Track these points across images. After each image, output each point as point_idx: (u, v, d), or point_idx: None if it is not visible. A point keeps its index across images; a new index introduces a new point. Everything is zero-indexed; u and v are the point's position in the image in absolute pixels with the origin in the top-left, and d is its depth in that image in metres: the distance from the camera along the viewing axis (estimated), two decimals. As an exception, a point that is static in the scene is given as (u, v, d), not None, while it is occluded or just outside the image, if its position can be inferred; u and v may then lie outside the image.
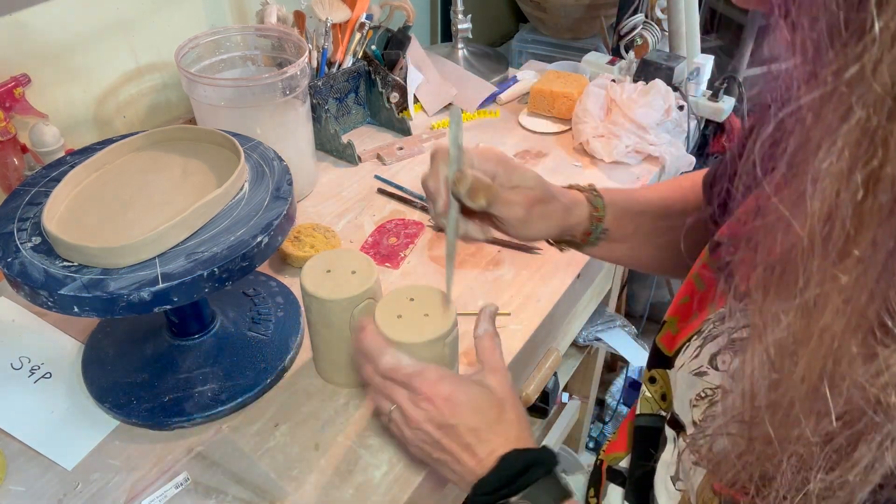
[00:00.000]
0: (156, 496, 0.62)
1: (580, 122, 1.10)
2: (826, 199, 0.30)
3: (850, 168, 0.29)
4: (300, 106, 0.94)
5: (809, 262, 0.31)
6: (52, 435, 0.67)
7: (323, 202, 1.00)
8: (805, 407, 0.33)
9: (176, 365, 0.72)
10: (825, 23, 0.29)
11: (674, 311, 0.57)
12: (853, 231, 0.29)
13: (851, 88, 0.28)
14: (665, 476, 0.54)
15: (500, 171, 0.58)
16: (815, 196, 0.30)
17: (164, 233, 0.59)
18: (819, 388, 0.33)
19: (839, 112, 0.28)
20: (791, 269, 0.32)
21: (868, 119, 0.28)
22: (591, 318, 1.22)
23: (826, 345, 0.32)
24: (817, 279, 0.31)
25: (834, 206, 0.29)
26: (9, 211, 0.64)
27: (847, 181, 0.29)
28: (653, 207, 0.69)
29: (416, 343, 0.60)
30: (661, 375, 0.59)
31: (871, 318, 0.31)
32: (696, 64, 1.22)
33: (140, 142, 0.72)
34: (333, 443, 0.67)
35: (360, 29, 1.08)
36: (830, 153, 0.29)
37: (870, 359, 0.31)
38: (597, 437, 1.75)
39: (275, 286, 0.82)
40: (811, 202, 0.30)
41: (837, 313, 0.31)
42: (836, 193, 0.29)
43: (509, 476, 0.52)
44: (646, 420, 0.60)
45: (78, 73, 0.95)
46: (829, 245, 0.30)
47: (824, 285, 0.31)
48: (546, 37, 1.68)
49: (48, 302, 0.57)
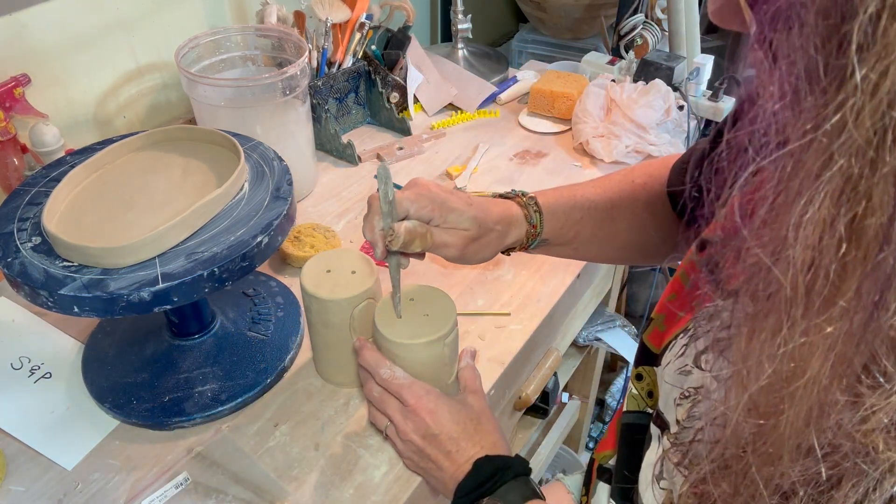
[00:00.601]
0: (156, 496, 0.62)
1: (580, 122, 1.10)
2: (808, 247, 0.29)
3: (832, 217, 0.28)
4: (300, 106, 0.94)
5: (794, 311, 0.31)
6: (52, 435, 0.67)
7: (323, 202, 1.00)
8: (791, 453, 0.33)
9: (176, 365, 0.72)
10: (803, 67, 0.28)
11: (661, 308, 0.57)
12: (837, 281, 0.29)
13: (832, 138, 0.27)
14: (649, 475, 0.54)
15: (436, 215, 0.59)
16: (797, 244, 0.29)
17: (164, 233, 0.59)
18: (804, 436, 0.32)
19: (820, 160, 0.28)
20: (775, 316, 0.32)
21: (850, 167, 0.27)
22: (591, 318, 1.22)
23: (812, 394, 0.31)
24: (802, 328, 0.31)
25: (817, 255, 0.29)
26: (9, 211, 0.64)
27: (829, 230, 0.28)
28: (596, 209, 0.69)
29: (416, 343, 0.61)
30: (647, 373, 0.59)
31: (856, 365, 0.30)
32: (696, 64, 1.22)
33: (140, 142, 0.72)
34: (333, 443, 0.67)
35: (360, 29, 1.08)
36: (812, 202, 0.28)
37: (855, 405, 0.31)
38: (596, 438, 1.75)
39: (275, 286, 0.82)
40: (793, 250, 0.29)
41: (823, 363, 0.30)
42: (818, 242, 0.29)
43: (482, 479, 0.58)
44: (632, 417, 0.61)
45: (78, 73, 0.95)
46: (814, 294, 0.30)
47: (809, 335, 0.30)
48: (546, 37, 1.68)
49: (48, 302, 0.57)
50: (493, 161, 1.09)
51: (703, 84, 1.24)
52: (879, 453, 0.31)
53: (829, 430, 0.32)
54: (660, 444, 0.54)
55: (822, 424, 0.32)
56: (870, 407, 0.30)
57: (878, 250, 0.28)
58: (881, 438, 0.30)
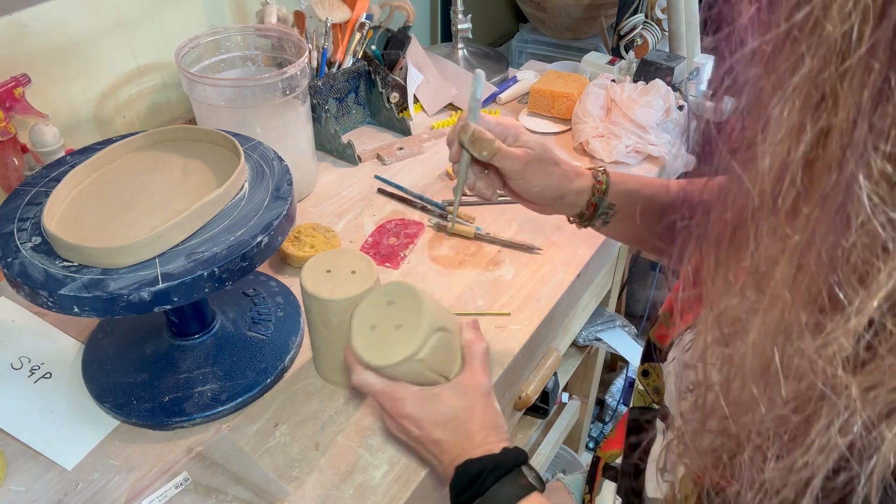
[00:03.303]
0: (156, 496, 0.62)
1: (580, 122, 1.10)
2: (777, 154, 0.29)
3: (800, 122, 0.28)
4: (300, 106, 0.94)
5: (761, 222, 0.31)
6: (52, 435, 0.67)
7: (323, 202, 1.00)
8: (758, 383, 0.33)
9: (176, 365, 0.72)
10: None
11: (668, 305, 0.58)
12: (802, 188, 0.29)
13: (802, 33, 0.28)
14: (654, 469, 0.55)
15: (511, 134, 0.65)
16: (766, 152, 0.30)
17: (164, 233, 0.59)
18: (770, 363, 0.32)
19: (790, 61, 0.28)
20: (742, 232, 0.32)
21: (819, 71, 0.27)
22: (591, 318, 1.22)
23: (776, 313, 0.31)
24: (768, 240, 0.31)
25: (785, 162, 0.29)
26: (9, 211, 0.64)
27: (797, 136, 0.29)
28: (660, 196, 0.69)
29: (383, 365, 0.59)
30: (654, 369, 0.59)
31: (819, 285, 0.30)
32: (696, 64, 1.22)
33: (140, 142, 0.72)
34: (333, 443, 0.67)
35: (360, 29, 1.08)
36: (781, 105, 0.29)
37: (818, 331, 0.31)
38: (597, 437, 1.75)
39: (275, 286, 0.82)
40: (762, 160, 0.30)
41: (787, 278, 0.31)
42: (787, 149, 0.29)
43: (464, 485, 0.56)
44: (638, 413, 0.61)
45: (78, 73, 0.95)
46: (780, 202, 0.30)
47: (775, 245, 0.31)
48: (546, 37, 1.68)
49: (48, 302, 0.57)
50: (493, 161, 1.09)
51: (703, 84, 1.24)
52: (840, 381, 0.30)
53: (794, 360, 0.31)
54: (664, 437, 0.55)
55: (787, 351, 0.32)
56: (830, 331, 0.30)
57: (842, 156, 0.28)
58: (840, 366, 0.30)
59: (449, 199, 0.99)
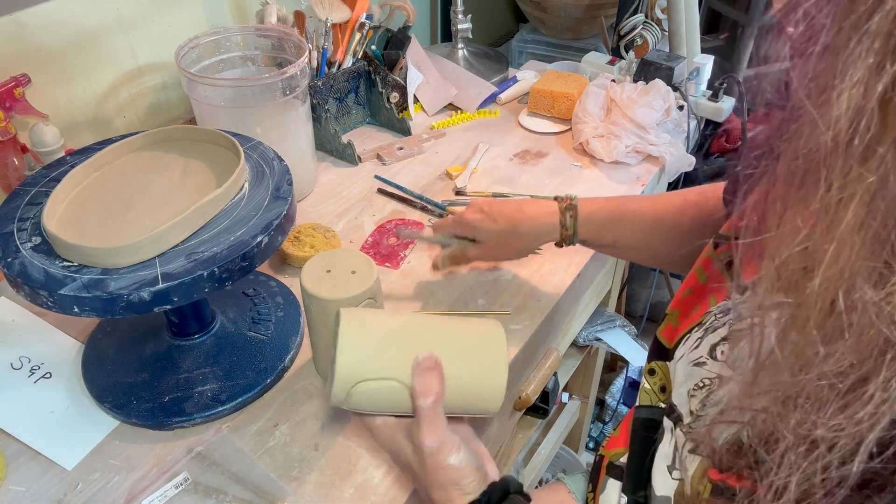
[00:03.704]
0: (156, 496, 0.62)
1: (580, 122, 1.10)
2: (853, 97, 0.29)
3: (878, 63, 0.28)
4: (300, 106, 0.94)
5: (833, 165, 0.30)
6: (52, 435, 0.67)
7: (323, 202, 1.00)
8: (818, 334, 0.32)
9: (176, 365, 0.72)
10: None
11: (676, 303, 0.58)
12: (877, 130, 0.29)
13: None
14: (662, 466, 0.55)
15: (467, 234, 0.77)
16: (842, 93, 0.29)
17: (164, 233, 0.59)
18: (832, 314, 0.31)
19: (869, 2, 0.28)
20: (813, 175, 0.31)
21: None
22: (591, 318, 1.22)
23: (843, 259, 0.31)
24: (840, 182, 0.30)
25: (860, 104, 0.29)
26: (9, 211, 0.64)
27: (876, 76, 0.28)
28: (642, 221, 0.72)
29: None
30: (660, 367, 0.59)
31: (888, 231, 0.30)
32: (696, 64, 1.22)
33: (140, 142, 0.72)
34: (333, 443, 0.67)
35: (360, 29, 1.08)
36: (860, 46, 0.28)
37: (883, 282, 0.30)
38: (597, 437, 1.75)
39: (275, 286, 0.82)
40: (838, 102, 0.29)
41: (858, 221, 0.30)
42: (863, 91, 0.29)
43: None
44: (645, 412, 0.61)
45: (78, 73, 0.95)
46: (855, 143, 0.29)
47: (848, 188, 0.30)
48: (546, 37, 1.68)
49: (48, 302, 0.57)
50: (493, 161, 1.09)
51: (703, 84, 1.24)
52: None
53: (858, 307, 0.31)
54: (673, 436, 0.55)
55: (850, 299, 0.31)
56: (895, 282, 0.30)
57: None
58: None
59: (449, 199, 0.99)
